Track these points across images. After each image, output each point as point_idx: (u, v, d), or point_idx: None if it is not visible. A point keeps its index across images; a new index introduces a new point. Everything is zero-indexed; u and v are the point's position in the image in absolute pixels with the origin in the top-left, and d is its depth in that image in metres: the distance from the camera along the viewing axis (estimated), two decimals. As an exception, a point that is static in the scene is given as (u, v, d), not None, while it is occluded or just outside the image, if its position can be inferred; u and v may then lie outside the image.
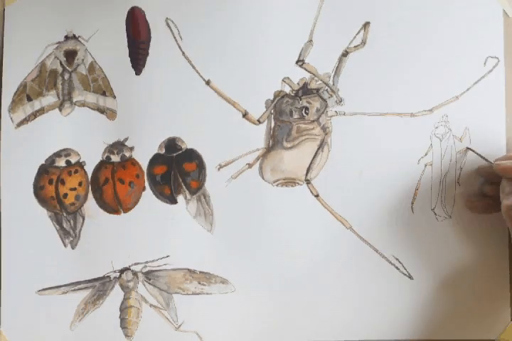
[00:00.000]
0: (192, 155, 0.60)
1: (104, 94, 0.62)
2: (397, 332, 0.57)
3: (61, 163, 0.62)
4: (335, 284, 0.57)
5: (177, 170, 0.60)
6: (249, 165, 0.59)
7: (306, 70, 0.59)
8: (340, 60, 0.58)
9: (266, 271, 0.58)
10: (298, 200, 0.58)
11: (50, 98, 0.62)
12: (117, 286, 0.60)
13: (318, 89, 0.59)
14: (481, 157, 0.55)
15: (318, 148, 0.59)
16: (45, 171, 0.62)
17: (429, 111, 0.57)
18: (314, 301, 0.57)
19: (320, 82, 0.59)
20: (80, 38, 0.62)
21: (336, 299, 0.57)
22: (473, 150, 0.55)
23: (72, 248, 0.61)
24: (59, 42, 0.63)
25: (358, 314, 0.57)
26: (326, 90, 0.59)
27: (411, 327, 0.56)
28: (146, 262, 0.60)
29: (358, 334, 0.57)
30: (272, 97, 0.59)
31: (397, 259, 0.57)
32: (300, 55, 0.59)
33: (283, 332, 0.58)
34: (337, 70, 0.58)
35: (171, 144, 0.60)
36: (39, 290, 0.61)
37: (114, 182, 0.61)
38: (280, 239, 0.58)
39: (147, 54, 0.61)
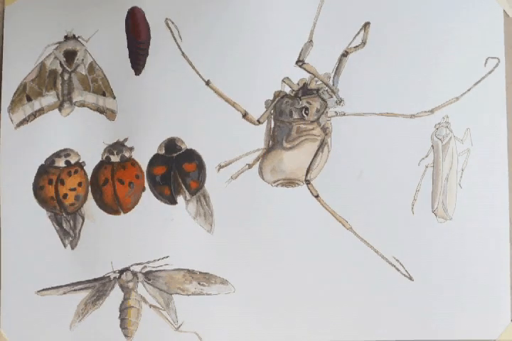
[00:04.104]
0: (192, 156, 0.60)
1: (103, 94, 0.62)
2: (398, 333, 0.57)
3: (61, 163, 0.62)
4: (335, 285, 0.57)
5: (177, 171, 0.60)
6: (249, 166, 0.59)
7: (306, 70, 0.59)
8: (340, 61, 0.58)
9: (266, 272, 0.58)
10: (298, 201, 0.58)
11: (49, 98, 0.62)
12: (117, 287, 0.60)
13: (318, 90, 0.59)
14: None
15: (318, 149, 0.58)
16: (45, 171, 0.62)
17: (430, 112, 0.57)
18: (314, 302, 0.57)
19: (320, 82, 0.59)
20: (79, 38, 0.62)
21: (335, 300, 0.57)
22: None
23: (72, 248, 0.61)
24: (59, 43, 0.63)
25: (358, 314, 0.57)
26: (326, 90, 0.59)
27: (411, 327, 0.56)
28: (146, 262, 0.60)
29: (358, 334, 0.57)
30: (271, 97, 0.59)
31: (397, 260, 0.57)
32: (300, 55, 0.58)
33: (283, 333, 0.58)
34: (337, 71, 0.58)
35: (171, 144, 0.60)
36: (39, 291, 0.61)
37: (113, 183, 0.61)
38: (280, 240, 0.58)
39: (147, 54, 0.61)
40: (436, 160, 0.57)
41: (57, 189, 0.62)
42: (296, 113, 0.59)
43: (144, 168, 0.61)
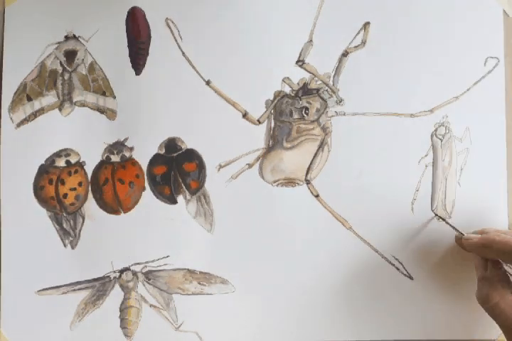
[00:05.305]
0: (192, 156, 0.60)
1: (104, 94, 0.62)
2: (398, 332, 0.57)
3: (61, 163, 0.62)
4: (335, 284, 0.57)
5: (177, 171, 0.60)
6: (249, 166, 0.59)
7: (306, 70, 0.59)
8: (340, 60, 0.58)
9: (266, 272, 0.58)
10: (298, 200, 0.58)
11: (50, 98, 0.62)
12: (117, 286, 0.60)
13: (318, 90, 0.59)
14: (454, 229, 0.55)
15: (318, 149, 0.59)
16: (45, 171, 0.62)
17: (430, 111, 0.57)
18: (314, 301, 0.57)
19: (320, 82, 0.59)
20: (80, 38, 0.62)
21: (335, 299, 0.57)
22: (446, 222, 0.55)
23: (72, 248, 0.61)
24: (59, 43, 0.62)
25: (358, 314, 0.57)
26: (326, 90, 0.59)
27: (411, 327, 0.56)
28: (146, 262, 0.60)
29: (358, 334, 0.57)
30: (272, 97, 0.59)
31: (397, 260, 0.57)
32: (300, 55, 0.59)
33: (283, 332, 0.58)
34: (337, 70, 0.58)
35: (171, 144, 0.60)
36: (39, 291, 0.61)
37: (113, 183, 0.61)
38: (280, 239, 0.58)
39: (147, 54, 0.61)
40: (436, 160, 0.57)
41: (58, 189, 0.62)
42: (296, 113, 0.59)
43: (144, 167, 0.61)
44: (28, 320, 0.61)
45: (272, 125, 0.59)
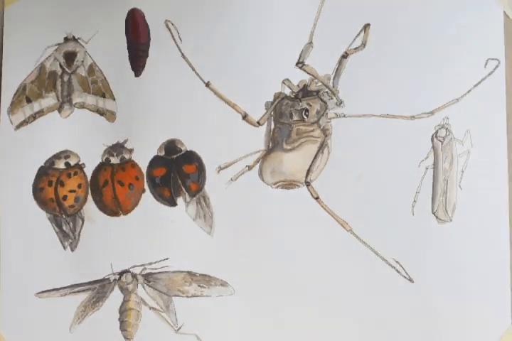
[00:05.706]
0: (192, 157, 0.60)
1: (103, 96, 0.62)
2: (398, 335, 0.56)
3: (60, 164, 0.62)
4: (335, 287, 0.57)
5: (177, 173, 0.60)
6: (249, 167, 0.59)
7: (306, 72, 0.59)
8: (340, 62, 0.58)
9: (265, 274, 0.58)
10: (298, 203, 0.58)
11: (49, 100, 0.62)
12: (117, 289, 0.60)
13: (318, 91, 0.59)
14: None
15: (318, 150, 0.58)
16: (45, 173, 0.62)
17: (430, 113, 0.57)
18: (314, 304, 0.57)
19: (320, 83, 0.59)
20: (79, 40, 0.62)
21: (336, 302, 0.57)
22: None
23: (72, 250, 0.61)
24: (58, 44, 0.63)
25: (358, 317, 0.57)
26: (326, 92, 0.59)
27: (411, 329, 0.56)
28: (147, 264, 0.60)
29: (358, 337, 0.57)
30: (271, 99, 0.59)
31: (397, 262, 0.57)
32: (300, 56, 0.58)
33: (283, 335, 0.58)
34: (337, 72, 0.58)
35: (171, 146, 0.60)
36: (38, 293, 0.61)
37: (113, 185, 0.61)
38: (280, 242, 0.58)
39: (147, 56, 0.61)
40: (437, 162, 0.57)
41: (57, 191, 0.62)
42: (296, 114, 0.59)
43: (144, 169, 0.61)
44: (28, 322, 0.61)
45: (272, 127, 0.59)
